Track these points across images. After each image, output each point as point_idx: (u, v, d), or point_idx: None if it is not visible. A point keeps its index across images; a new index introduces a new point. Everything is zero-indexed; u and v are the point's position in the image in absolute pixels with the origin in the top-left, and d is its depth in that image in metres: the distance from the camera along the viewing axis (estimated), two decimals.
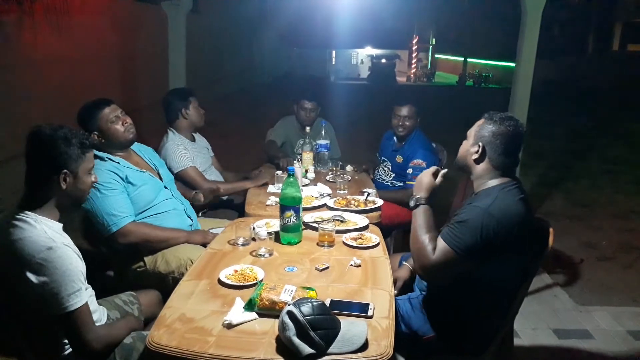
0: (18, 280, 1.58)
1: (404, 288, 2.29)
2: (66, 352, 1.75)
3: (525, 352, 2.87)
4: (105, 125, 2.46)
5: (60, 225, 1.75)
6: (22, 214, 1.66)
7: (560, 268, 3.95)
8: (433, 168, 2.09)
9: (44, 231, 1.63)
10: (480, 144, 1.94)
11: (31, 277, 1.57)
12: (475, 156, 1.95)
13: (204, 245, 2.48)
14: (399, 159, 3.54)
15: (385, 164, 3.67)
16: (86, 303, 1.67)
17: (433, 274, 1.86)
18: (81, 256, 1.75)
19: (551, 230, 1.95)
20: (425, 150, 3.44)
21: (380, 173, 3.70)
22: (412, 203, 2.02)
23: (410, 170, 3.38)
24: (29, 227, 1.62)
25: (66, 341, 1.74)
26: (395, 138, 3.64)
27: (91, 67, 6.39)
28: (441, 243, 1.82)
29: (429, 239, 1.87)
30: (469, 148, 1.99)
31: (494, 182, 1.92)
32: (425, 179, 2.04)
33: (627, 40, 21.69)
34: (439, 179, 2.05)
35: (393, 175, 3.61)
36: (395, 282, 2.22)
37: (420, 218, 1.95)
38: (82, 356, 1.72)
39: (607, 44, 21.94)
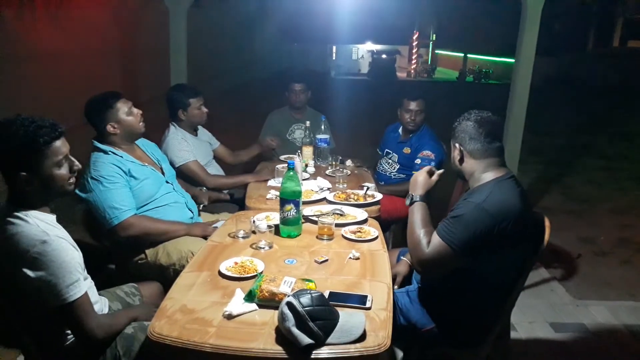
0: (16, 276, 1.58)
1: (402, 282, 2.32)
2: (68, 342, 1.77)
3: (522, 346, 2.89)
4: (122, 116, 2.50)
5: (54, 216, 1.74)
6: (12, 211, 1.64)
7: (557, 263, 3.97)
8: (428, 167, 2.18)
9: (37, 225, 1.62)
10: (457, 144, 2.02)
11: (28, 272, 1.57)
12: (458, 157, 2.03)
13: (205, 237, 2.51)
14: (407, 150, 3.59)
15: (390, 156, 3.71)
16: (86, 292, 1.68)
17: (428, 268, 1.89)
18: (77, 246, 1.75)
19: (547, 224, 1.97)
20: (434, 142, 3.50)
21: (384, 165, 3.73)
22: (407, 201, 2.07)
23: (418, 161, 3.42)
24: (21, 223, 1.61)
25: (69, 332, 1.76)
26: (400, 131, 3.69)
27: (91, 61, 6.39)
28: (436, 238, 1.85)
29: (424, 233, 1.91)
30: (453, 155, 2.07)
31: (487, 176, 1.94)
32: (420, 177, 2.12)
33: (627, 36, 21.65)
34: (435, 177, 2.15)
35: (398, 167, 3.64)
36: (395, 277, 2.25)
37: (416, 214, 2.00)
38: (86, 345, 1.74)
39: (607, 40, 21.89)
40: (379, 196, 2.85)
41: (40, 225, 1.63)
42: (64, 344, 1.77)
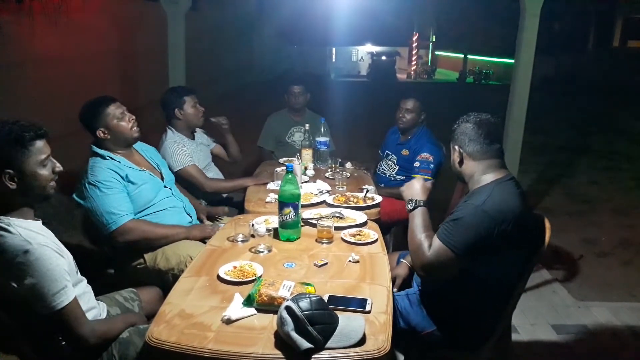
0: (3, 287, 1.57)
1: (402, 285, 2.31)
2: (65, 348, 1.75)
3: (524, 348, 2.88)
4: (112, 121, 2.48)
5: (38, 222, 1.72)
6: None
7: (559, 264, 3.96)
8: (420, 177, 2.23)
9: (19, 234, 1.60)
10: (456, 146, 2.03)
11: (13, 283, 1.56)
12: (457, 159, 2.03)
13: (204, 241, 2.50)
14: (405, 152, 3.59)
15: (389, 157, 3.71)
16: (75, 299, 1.67)
17: (430, 272, 1.89)
18: (64, 252, 1.73)
19: (548, 225, 1.97)
20: (432, 145, 3.50)
21: (384, 167, 3.73)
22: (409, 206, 2.06)
23: (417, 164, 3.43)
24: (3, 233, 1.59)
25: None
26: (400, 132, 3.69)
27: (89, 65, 6.38)
28: (436, 241, 1.85)
29: (425, 237, 1.91)
30: (452, 157, 2.08)
31: (487, 178, 1.93)
32: (417, 184, 2.12)
33: (627, 36, 21.64)
34: (429, 184, 2.17)
35: (397, 168, 3.64)
36: (394, 280, 2.24)
37: (417, 218, 2.01)
38: (79, 350, 1.72)
39: (607, 40, 21.87)
40: (378, 199, 2.84)
41: (23, 234, 1.61)
42: (61, 349, 1.75)
